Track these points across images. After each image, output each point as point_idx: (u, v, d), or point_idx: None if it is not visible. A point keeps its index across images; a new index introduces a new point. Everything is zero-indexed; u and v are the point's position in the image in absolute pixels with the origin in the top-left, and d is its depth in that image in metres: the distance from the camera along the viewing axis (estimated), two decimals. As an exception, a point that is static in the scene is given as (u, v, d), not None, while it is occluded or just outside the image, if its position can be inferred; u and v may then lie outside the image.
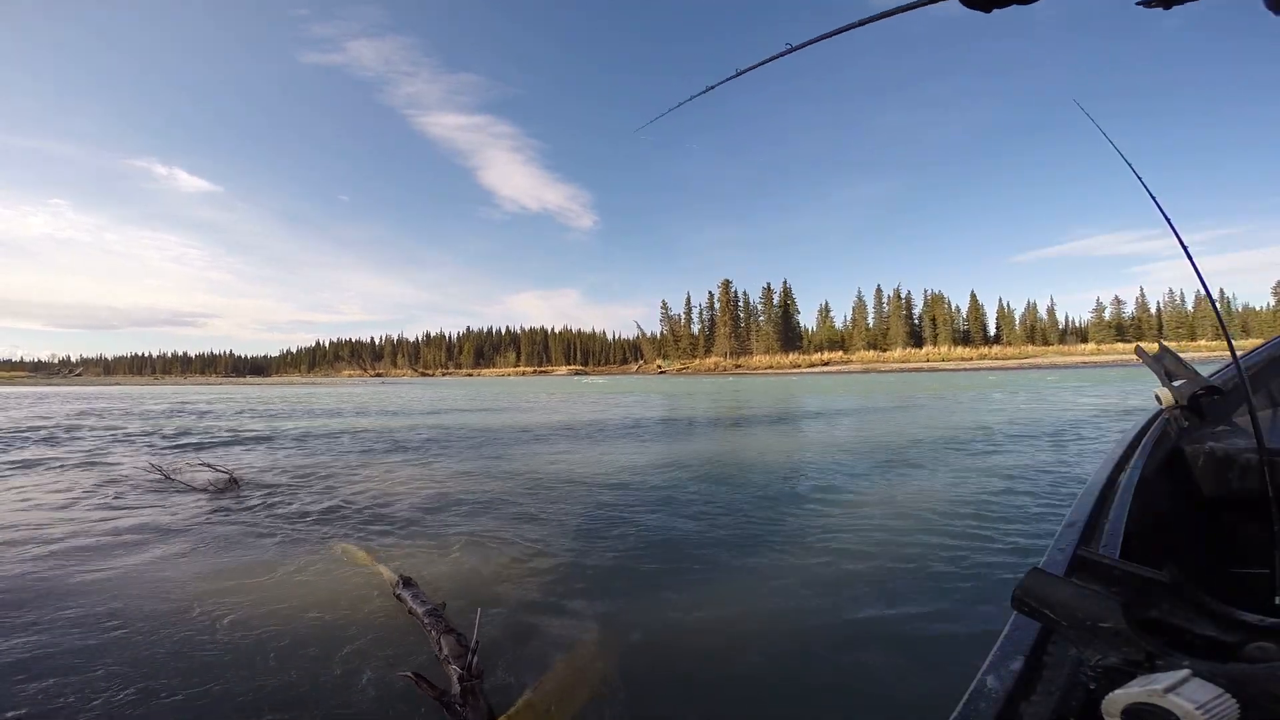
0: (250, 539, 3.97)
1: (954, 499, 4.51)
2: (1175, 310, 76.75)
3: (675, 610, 2.71)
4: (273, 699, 2.04)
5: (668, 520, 4.21)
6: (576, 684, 2.06)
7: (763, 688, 2.08)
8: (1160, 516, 1.36)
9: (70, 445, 9.37)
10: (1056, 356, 63.30)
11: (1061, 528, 1.01)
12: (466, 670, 1.92)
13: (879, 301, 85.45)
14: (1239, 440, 1.63)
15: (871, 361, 71.08)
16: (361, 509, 4.77)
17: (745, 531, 3.87)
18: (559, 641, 2.40)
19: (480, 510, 4.65)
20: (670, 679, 2.15)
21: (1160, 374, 1.95)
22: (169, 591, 3.03)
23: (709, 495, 4.98)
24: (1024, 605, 0.57)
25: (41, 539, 4.01)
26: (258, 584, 3.11)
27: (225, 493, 5.51)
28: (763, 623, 2.57)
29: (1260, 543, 1.55)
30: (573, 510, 4.57)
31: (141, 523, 4.43)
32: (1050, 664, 0.63)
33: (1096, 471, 1.30)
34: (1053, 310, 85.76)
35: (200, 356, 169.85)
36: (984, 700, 0.57)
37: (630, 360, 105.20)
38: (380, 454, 8.10)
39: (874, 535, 3.67)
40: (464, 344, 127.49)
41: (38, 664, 2.29)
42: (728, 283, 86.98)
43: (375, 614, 2.68)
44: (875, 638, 2.37)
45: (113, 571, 3.34)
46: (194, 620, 2.66)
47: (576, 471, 6.31)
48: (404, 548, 3.72)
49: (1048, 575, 0.58)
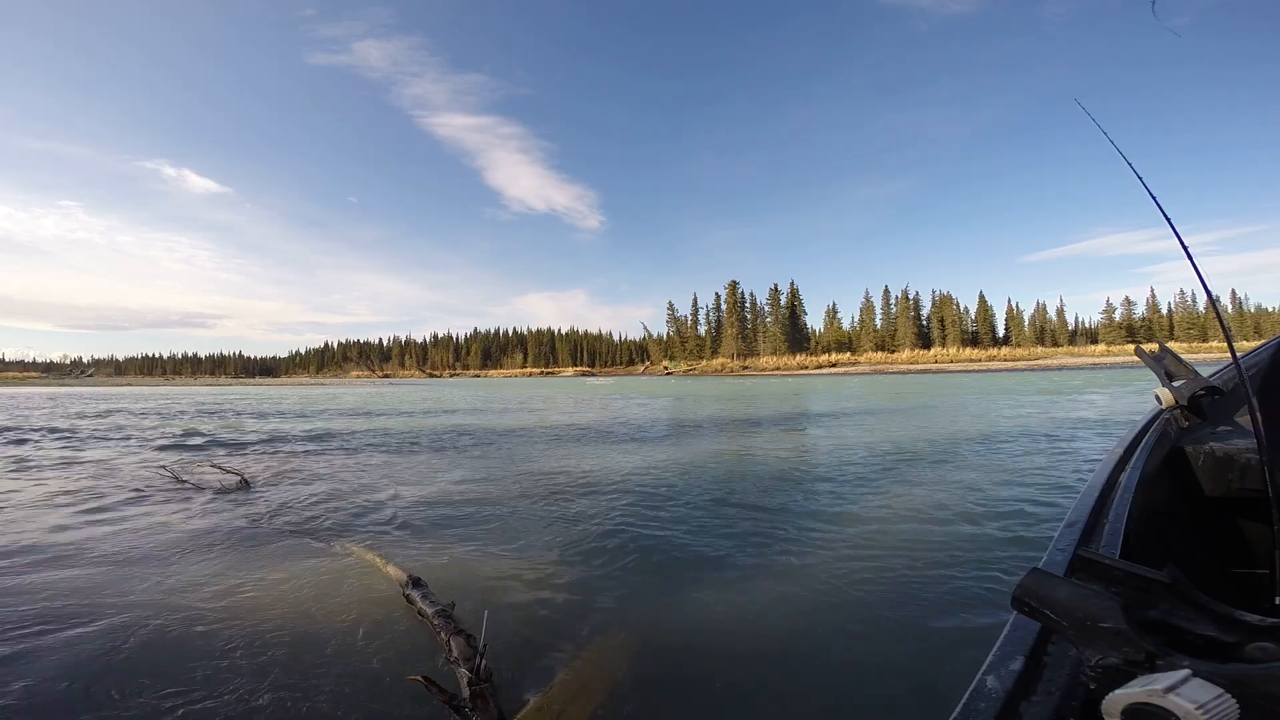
0: (259, 540, 3.99)
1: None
2: (1186, 311, 75.81)
3: (687, 613, 2.70)
4: (281, 701, 2.05)
5: (678, 522, 4.20)
6: (587, 687, 2.06)
7: (776, 691, 2.07)
8: (1160, 516, 1.35)
9: (74, 445, 9.47)
10: (1066, 358, 62.71)
11: (1061, 527, 1.01)
12: (475, 673, 1.92)
13: (886, 302, 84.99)
14: (1239, 440, 1.63)
15: (879, 363, 70.67)
16: (370, 509, 4.79)
17: (757, 533, 3.85)
18: (568, 644, 2.39)
19: (489, 511, 4.65)
20: (682, 682, 2.14)
21: (1160, 374, 1.95)
22: (175, 593, 3.05)
23: (719, 497, 4.96)
24: (1024, 605, 0.57)
25: (50, 541, 4.05)
26: (266, 584, 3.12)
27: (235, 493, 5.55)
28: (777, 625, 2.55)
29: (1260, 543, 1.55)
30: (581, 511, 4.57)
31: (151, 524, 4.47)
32: (1050, 664, 0.63)
33: (1097, 471, 1.30)
34: (1062, 311, 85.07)
35: (210, 357, 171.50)
36: (984, 700, 0.57)
37: (637, 361, 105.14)
38: (388, 454, 8.13)
39: (889, 539, 3.65)
40: (471, 345, 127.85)
41: (44, 666, 2.31)
42: (734, 284, 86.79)
43: (384, 614, 2.68)
44: (888, 640, 2.36)
45: (120, 573, 3.37)
46: (200, 621, 2.67)
47: (584, 473, 6.31)
48: (413, 548, 3.73)
49: (1048, 575, 0.58)
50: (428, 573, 3.03)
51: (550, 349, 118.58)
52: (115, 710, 2.02)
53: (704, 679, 2.16)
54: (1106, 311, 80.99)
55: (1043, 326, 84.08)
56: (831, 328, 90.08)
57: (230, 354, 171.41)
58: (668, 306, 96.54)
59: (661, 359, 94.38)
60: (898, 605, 2.68)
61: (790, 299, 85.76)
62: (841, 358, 76.84)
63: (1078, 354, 66.85)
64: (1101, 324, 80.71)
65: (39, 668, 2.28)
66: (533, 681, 2.11)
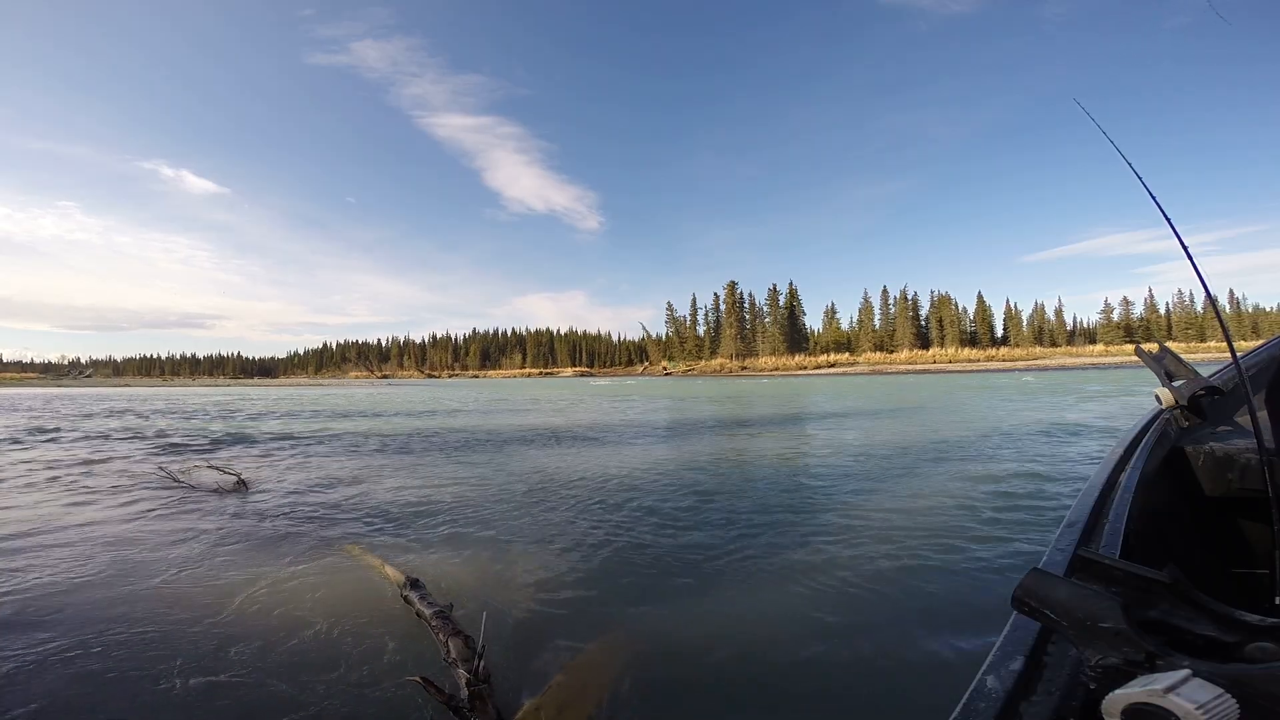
0: (257, 540, 3.98)
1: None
2: (1185, 311, 75.98)
3: (686, 615, 2.70)
4: (281, 702, 2.04)
5: (676, 524, 4.19)
6: (585, 689, 2.05)
7: (774, 693, 2.06)
8: (1160, 516, 1.35)
9: (72, 446, 9.44)
10: (1065, 358, 62.78)
11: (1061, 527, 1.00)
12: (474, 674, 1.92)
13: (885, 303, 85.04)
14: (1239, 440, 1.63)
15: (878, 363, 70.71)
16: (368, 510, 4.78)
17: (754, 535, 3.85)
18: (567, 645, 2.39)
19: (488, 512, 4.65)
20: (680, 684, 2.13)
21: (1160, 374, 1.95)
22: (171, 594, 3.04)
23: (717, 499, 4.96)
24: (1024, 605, 0.57)
25: (47, 543, 4.03)
26: (264, 585, 3.12)
27: (233, 494, 5.54)
28: (775, 626, 2.55)
29: (1260, 543, 1.55)
30: (580, 513, 4.57)
31: (148, 525, 4.46)
32: (1050, 664, 0.63)
33: (1097, 471, 1.30)
34: (1060, 311, 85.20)
35: (209, 358, 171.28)
36: (984, 700, 0.57)
37: (636, 362, 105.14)
38: (387, 454, 8.12)
39: (889, 540, 3.65)
40: (470, 345, 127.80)
41: (44, 667, 2.30)
42: (733, 284, 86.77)
43: (382, 615, 2.68)
44: (888, 641, 2.35)
45: (116, 574, 3.36)
46: (198, 622, 2.66)
47: (584, 474, 6.31)
48: (411, 548, 3.72)
49: (1048, 575, 0.58)
50: (426, 574, 3.03)
51: (549, 350, 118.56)
52: (114, 710, 2.01)
53: (702, 681, 2.16)
54: (1105, 312, 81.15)
55: (1041, 326, 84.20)
56: (830, 328, 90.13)
57: (229, 355, 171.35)
58: (667, 307, 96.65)
59: (660, 359, 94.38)
60: (897, 606, 2.68)
61: (789, 299, 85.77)
62: (840, 358, 76.88)
63: (1076, 354, 66.93)
64: (1100, 324, 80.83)
65: (35, 668, 2.27)
66: (531, 683, 2.10)
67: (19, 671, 2.26)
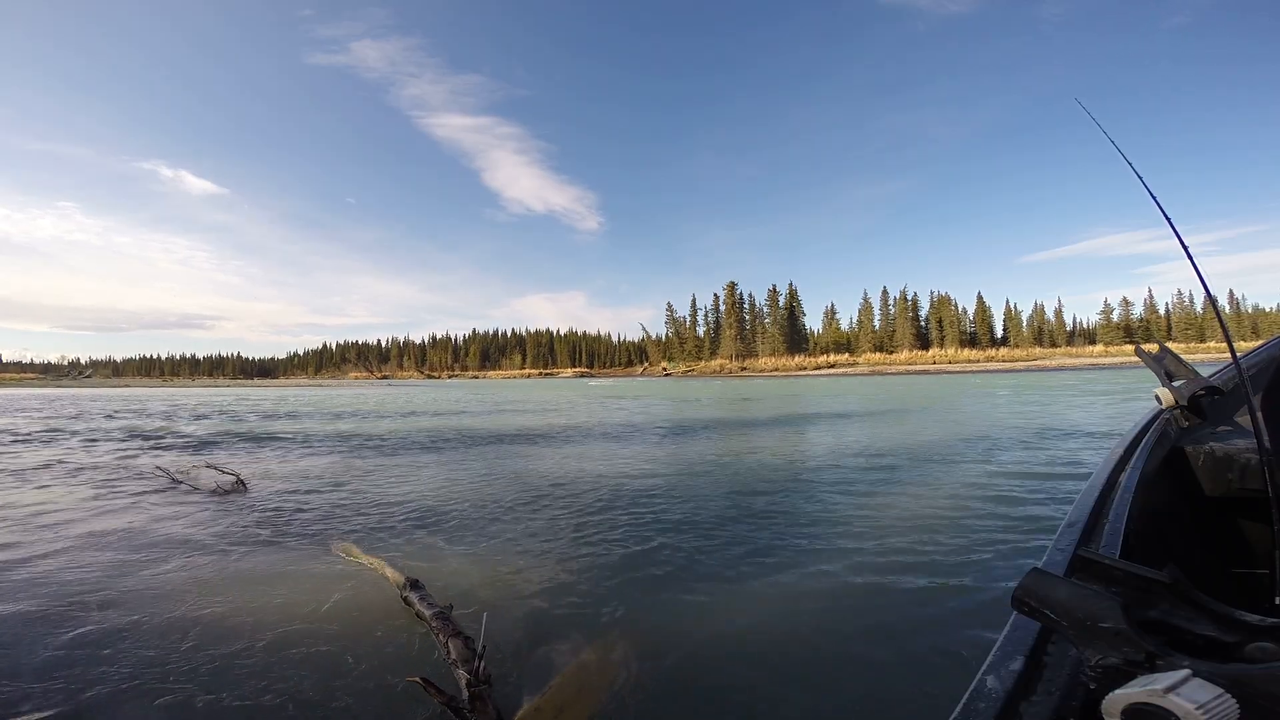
0: (257, 541, 3.98)
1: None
2: (1184, 312, 76.04)
3: (685, 616, 2.70)
4: (281, 702, 2.04)
5: (675, 525, 4.19)
6: (584, 690, 2.05)
7: (774, 694, 2.06)
8: (1160, 516, 1.34)
9: (70, 446, 9.43)
10: (1065, 358, 62.80)
11: (1061, 527, 1.00)
12: (474, 675, 1.91)
13: (885, 303, 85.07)
14: (1239, 440, 1.62)
15: (878, 364, 70.72)
16: (368, 510, 4.78)
17: (755, 536, 3.85)
18: (567, 646, 2.38)
19: (487, 513, 4.65)
20: (680, 684, 2.13)
21: (1160, 374, 1.94)
22: (171, 594, 3.04)
23: (716, 500, 4.96)
24: (1024, 605, 0.57)
25: (45, 542, 4.03)
26: (263, 586, 3.11)
27: (232, 495, 5.53)
28: (775, 628, 2.55)
29: (1260, 543, 1.55)
30: (580, 513, 4.56)
31: (147, 526, 4.45)
32: (1050, 664, 0.63)
33: (1097, 471, 1.30)
34: (1060, 312, 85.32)
35: (208, 359, 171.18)
36: (984, 700, 0.57)
37: (636, 363, 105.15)
38: (386, 455, 8.12)
39: (889, 541, 3.64)
40: (470, 346, 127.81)
41: (45, 668, 2.30)
42: (733, 284, 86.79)
43: (382, 616, 2.67)
44: (888, 643, 2.35)
45: (116, 574, 3.35)
46: (197, 623, 2.66)
47: (583, 475, 6.31)
48: (411, 549, 3.72)
49: (1048, 575, 0.58)
50: (426, 575, 3.02)
51: (549, 350, 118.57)
52: (114, 711, 2.00)
53: (702, 681, 2.16)
54: (1104, 312, 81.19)
55: (1041, 327, 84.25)
56: (830, 328, 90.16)
57: (228, 355, 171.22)
58: (666, 307, 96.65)
59: (660, 360, 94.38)
60: (898, 607, 2.68)
61: (789, 300, 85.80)
62: (840, 359, 76.90)
63: (1076, 354, 66.98)
64: (1099, 324, 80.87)
65: (35, 669, 2.27)
66: (531, 683, 2.10)
67: (19, 671, 2.26)
